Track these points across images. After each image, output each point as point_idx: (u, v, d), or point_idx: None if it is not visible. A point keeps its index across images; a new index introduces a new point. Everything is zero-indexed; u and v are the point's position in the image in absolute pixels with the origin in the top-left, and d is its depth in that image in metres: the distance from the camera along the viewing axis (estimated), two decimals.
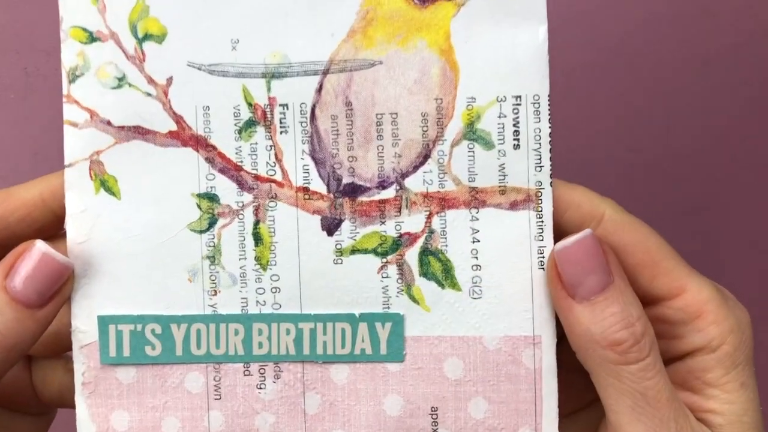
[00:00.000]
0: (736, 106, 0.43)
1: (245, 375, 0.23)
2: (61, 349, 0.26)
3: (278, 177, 0.23)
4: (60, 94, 0.24)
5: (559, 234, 0.23)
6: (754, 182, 0.43)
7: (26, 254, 0.22)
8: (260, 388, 0.23)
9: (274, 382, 0.23)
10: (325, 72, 0.23)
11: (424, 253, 0.23)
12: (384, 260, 0.23)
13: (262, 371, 0.23)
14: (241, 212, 0.23)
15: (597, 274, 0.22)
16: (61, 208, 0.23)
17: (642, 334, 0.22)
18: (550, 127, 0.23)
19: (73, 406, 0.24)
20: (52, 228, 0.24)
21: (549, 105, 0.23)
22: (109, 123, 0.23)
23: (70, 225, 0.23)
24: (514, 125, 0.23)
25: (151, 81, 0.23)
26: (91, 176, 0.23)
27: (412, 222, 0.23)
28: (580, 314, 0.22)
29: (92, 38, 0.23)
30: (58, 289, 0.22)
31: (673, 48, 0.42)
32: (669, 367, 0.23)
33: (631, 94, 0.43)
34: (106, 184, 0.23)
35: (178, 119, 0.23)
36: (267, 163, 0.23)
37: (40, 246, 0.22)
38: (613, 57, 0.43)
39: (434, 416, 0.23)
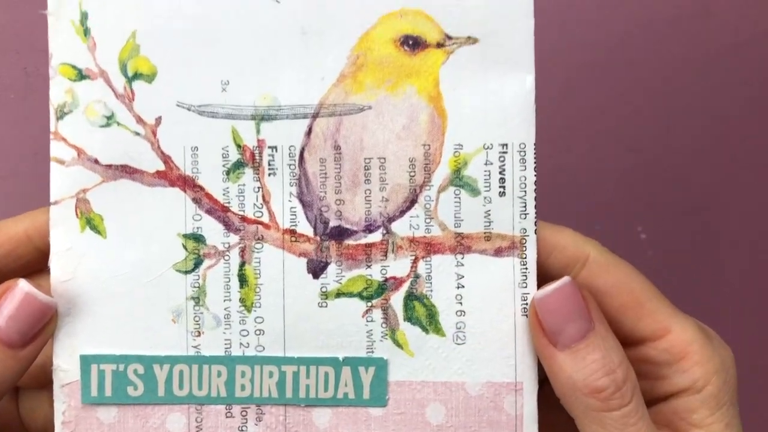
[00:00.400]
0: (736, 106, 0.43)
1: (227, 417, 0.23)
2: (48, 381, 0.25)
3: (265, 219, 0.23)
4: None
5: (545, 276, 0.23)
6: (754, 182, 0.42)
7: (9, 294, 0.22)
8: (242, 431, 0.23)
9: (256, 424, 0.23)
10: (315, 115, 0.23)
11: (409, 297, 0.23)
12: (369, 304, 0.23)
13: (244, 413, 0.23)
14: (227, 253, 0.23)
15: (577, 322, 0.22)
16: (47, 244, 0.23)
17: (623, 381, 0.22)
18: (535, 176, 0.23)
19: None
20: (37, 264, 0.24)
21: (535, 153, 0.23)
22: (96, 161, 0.23)
23: (54, 263, 0.23)
24: (500, 173, 0.23)
25: (139, 120, 0.23)
26: (77, 214, 0.23)
27: (398, 266, 0.23)
28: (562, 362, 0.22)
29: (81, 76, 0.23)
30: (41, 328, 0.22)
31: (673, 48, 0.42)
32: (654, 408, 0.23)
33: (631, 94, 0.43)
34: (92, 222, 0.23)
35: (166, 159, 0.23)
36: (254, 204, 0.23)
37: (23, 286, 0.22)
38: (613, 57, 0.42)
39: None
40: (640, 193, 0.43)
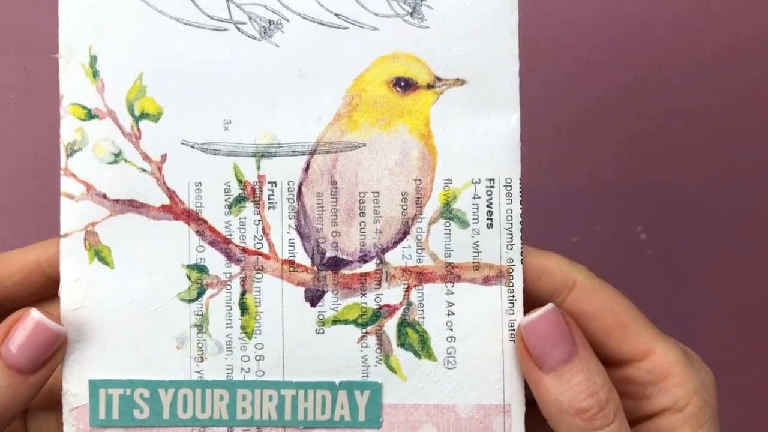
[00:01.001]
0: (736, 106, 0.42)
1: None
2: (56, 402, 0.27)
3: (265, 250, 0.24)
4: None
5: (534, 300, 0.25)
6: (754, 182, 0.42)
7: (21, 322, 0.23)
8: None
9: None
10: (312, 152, 0.24)
11: (402, 324, 0.24)
12: (364, 331, 0.24)
13: None
14: (229, 283, 0.24)
15: (562, 346, 0.23)
16: (57, 273, 0.24)
17: (606, 401, 0.23)
18: (521, 208, 0.25)
19: None
20: (47, 291, 0.25)
21: (520, 188, 0.25)
22: (104, 196, 0.24)
23: (64, 292, 0.24)
24: (488, 206, 0.25)
25: (146, 157, 0.24)
26: (85, 246, 0.24)
27: (391, 294, 0.25)
28: (548, 384, 0.23)
29: (90, 115, 0.24)
30: (51, 355, 0.23)
31: (673, 48, 0.42)
32: (638, 427, 0.24)
33: (631, 94, 0.43)
34: (100, 254, 0.24)
35: (171, 194, 0.24)
36: (255, 236, 0.24)
37: (34, 315, 0.23)
38: (613, 57, 0.42)
39: None
40: (640, 193, 0.43)
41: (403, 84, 0.25)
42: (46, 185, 0.44)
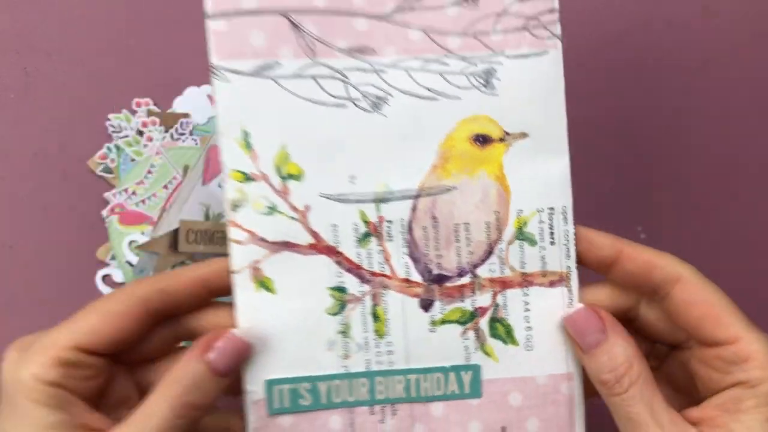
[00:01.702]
0: (736, 106, 0.43)
1: (371, 414, 0.33)
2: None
3: (387, 272, 0.33)
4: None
5: (647, 290, 0.31)
6: (755, 182, 0.44)
7: (224, 337, 0.30)
8: (382, 423, 0.33)
9: (392, 418, 0.33)
10: (417, 196, 0.32)
11: (492, 320, 0.33)
12: (464, 327, 0.33)
13: (383, 411, 0.33)
14: (363, 299, 0.32)
15: (592, 335, 0.31)
16: (217, 286, 0.32)
17: (622, 375, 0.30)
18: (574, 228, 0.33)
19: None
20: (207, 299, 0.32)
21: (573, 213, 0.33)
22: (264, 240, 0.32)
23: (239, 316, 0.32)
24: (550, 228, 0.33)
25: (293, 209, 0.32)
26: (252, 279, 0.32)
27: (483, 299, 0.33)
28: (586, 362, 0.32)
29: (247, 178, 0.32)
30: (241, 362, 0.31)
31: (673, 48, 0.43)
32: (719, 394, 0.30)
33: (632, 94, 0.44)
34: (264, 284, 0.32)
35: (314, 235, 0.32)
36: (379, 262, 0.32)
37: (235, 332, 0.30)
38: (613, 56, 0.44)
39: None
40: (640, 193, 0.45)
41: (481, 139, 0.33)
42: (46, 185, 0.46)
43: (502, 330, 0.33)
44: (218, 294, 0.32)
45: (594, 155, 0.45)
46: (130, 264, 0.46)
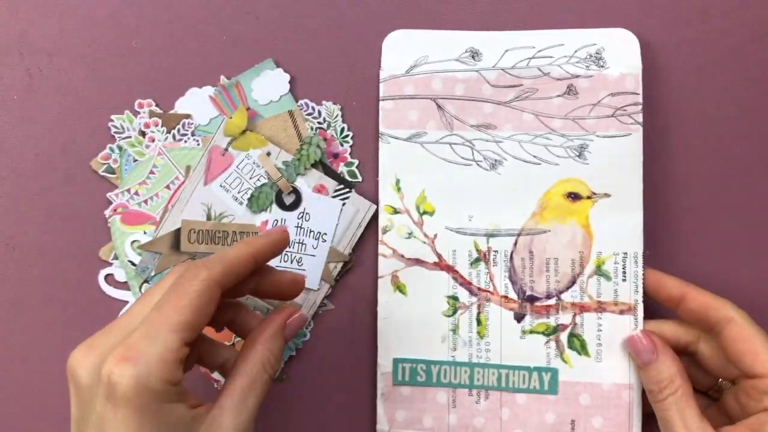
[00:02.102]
0: (736, 107, 0.43)
1: (469, 395, 0.43)
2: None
3: (491, 289, 0.43)
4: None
5: (704, 326, 0.39)
6: (754, 182, 0.44)
7: (297, 316, 0.37)
8: (477, 403, 0.43)
9: (485, 400, 0.43)
10: (519, 234, 0.43)
11: (571, 335, 0.42)
12: (548, 338, 0.43)
13: (479, 394, 0.43)
14: (471, 307, 0.43)
15: (644, 355, 0.40)
16: (264, 259, 0.35)
17: (663, 388, 0.38)
18: (643, 269, 0.42)
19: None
20: (253, 273, 0.35)
21: (643, 258, 0.42)
22: (402, 256, 0.44)
23: (380, 310, 0.44)
24: (623, 268, 0.42)
25: (426, 236, 0.44)
26: (391, 283, 0.44)
27: (565, 318, 0.43)
28: (641, 375, 0.40)
29: (395, 211, 0.44)
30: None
31: (674, 48, 0.43)
32: (748, 418, 0.37)
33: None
34: (399, 288, 0.44)
35: (439, 256, 0.44)
36: (485, 281, 0.43)
37: (302, 312, 0.39)
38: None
39: (573, 426, 0.42)
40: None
41: (573, 196, 0.43)
42: (46, 185, 0.46)
43: (577, 344, 0.42)
44: (262, 265, 0.36)
45: None
46: (133, 263, 0.46)
